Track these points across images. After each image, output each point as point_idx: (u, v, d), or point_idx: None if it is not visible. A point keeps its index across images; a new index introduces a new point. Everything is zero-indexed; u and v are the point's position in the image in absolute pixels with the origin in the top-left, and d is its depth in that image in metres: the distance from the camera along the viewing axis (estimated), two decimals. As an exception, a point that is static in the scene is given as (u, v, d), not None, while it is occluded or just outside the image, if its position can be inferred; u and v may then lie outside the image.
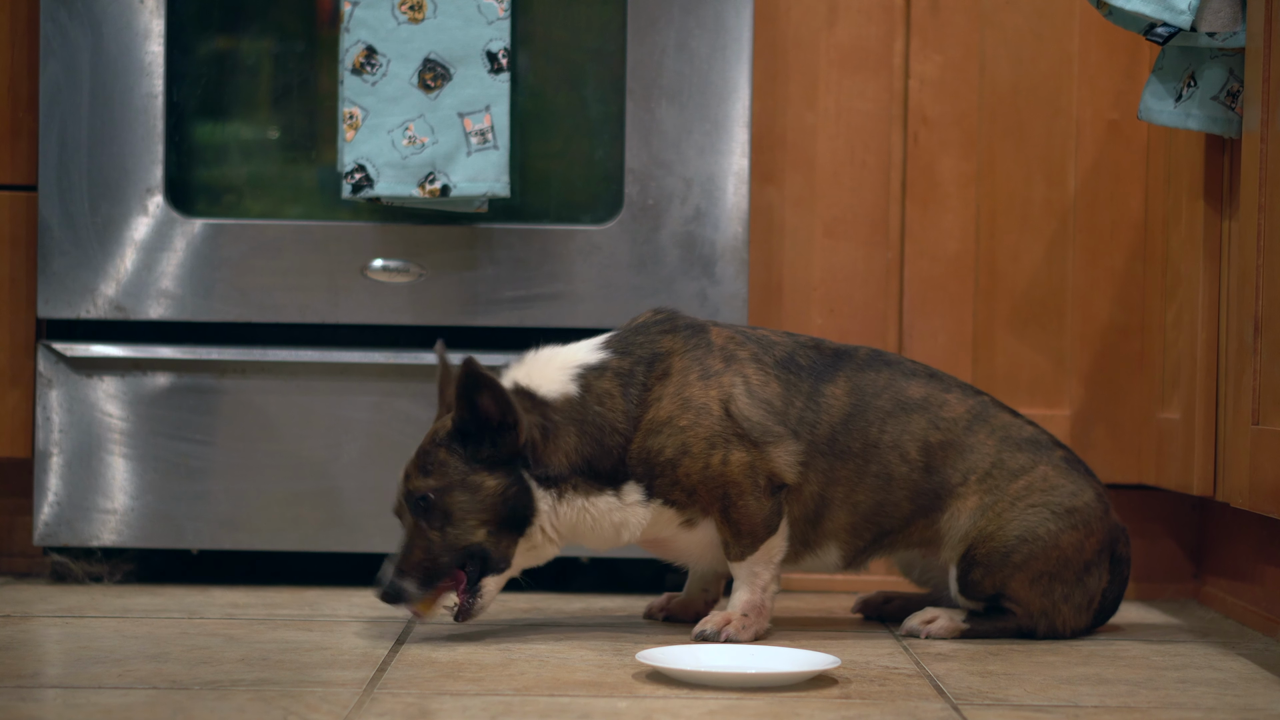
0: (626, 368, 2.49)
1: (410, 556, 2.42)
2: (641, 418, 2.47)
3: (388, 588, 2.41)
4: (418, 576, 2.41)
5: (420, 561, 2.41)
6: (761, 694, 2.14)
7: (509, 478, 2.42)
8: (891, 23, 3.09)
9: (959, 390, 2.62)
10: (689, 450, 2.47)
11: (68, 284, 2.93)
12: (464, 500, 2.41)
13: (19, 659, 2.33)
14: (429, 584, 2.42)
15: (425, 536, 2.41)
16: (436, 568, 2.42)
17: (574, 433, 2.45)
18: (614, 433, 2.46)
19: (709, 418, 2.47)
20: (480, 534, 2.42)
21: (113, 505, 2.94)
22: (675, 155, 2.93)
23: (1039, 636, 2.58)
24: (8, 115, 2.99)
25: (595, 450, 2.46)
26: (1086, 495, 2.59)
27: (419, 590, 2.42)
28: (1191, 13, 2.56)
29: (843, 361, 2.59)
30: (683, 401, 2.48)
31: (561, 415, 2.46)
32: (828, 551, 2.59)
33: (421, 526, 2.42)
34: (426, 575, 2.41)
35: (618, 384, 2.48)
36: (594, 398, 2.47)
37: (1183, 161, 2.87)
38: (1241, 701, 2.17)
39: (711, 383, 2.49)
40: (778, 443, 2.50)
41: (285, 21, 2.97)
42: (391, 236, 2.93)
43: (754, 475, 2.48)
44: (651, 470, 2.47)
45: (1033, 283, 3.09)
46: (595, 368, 2.50)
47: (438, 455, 2.43)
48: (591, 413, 2.46)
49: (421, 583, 2.41)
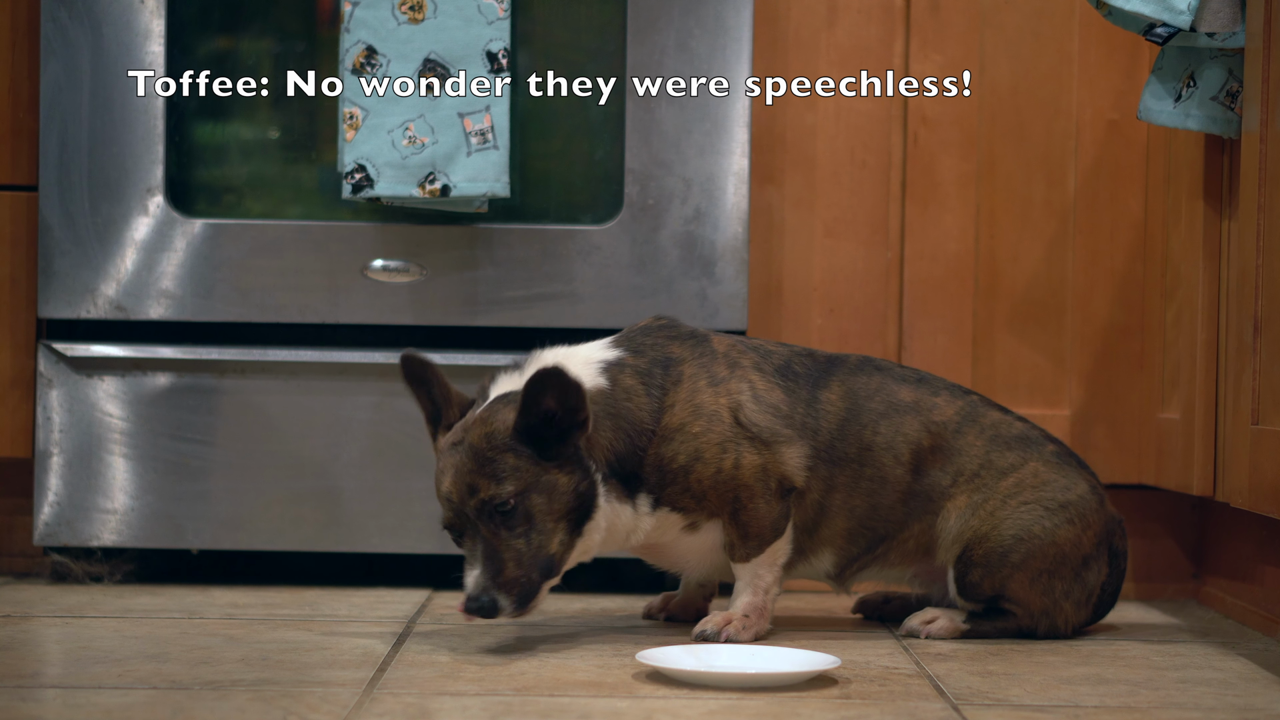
0: (644, 367, 2.48)
1: (505, 571, 2.29)
2: (659, 422, 2.46)
3: (482, 599, 2.28)
4: (516, 593, 2.30)
5: (517, 579, 2.29)
6: (761, 694, 2.14)
7: (578, 471, 2.34)
8: (891, 23, 3.09)
9: (947, 392, 2.62)
10: (702, 456, 2.46)
11: (68, 284, 2.93)
12: (542, 502, 2.31)
13: (19, 659, 2.33)
14: (524, 603, 2.31)
15: (511, 546, 2.30)
16: (530, 584, 2.30)
17: (609, 427, 2.41)
18: (641, 432, 2.42)
19: (720, 424, 2.47)
20: (556, 540, 2.33)
21: (113, 505, 2.94)
22: (675, 155, 2.93)
23: (1040, 635, 2.58)
24: (8, 115, 3.00)
25: (626, 448, 2.41)
26: (1080, 488, 2.58)
27: (513, 608, 2.30)
28: (1191, 13, 2.56)
29: (835, 367, 2.60)
30: (694, 408, 2.47)
31: (598, 407, 2.40)
32: (821, 558, 2.59)
33: (502, 535, 2.30)
34: (524, 594, 2.30)
35: (640, 382, 2.46)
36: (622, 392, 2.43)
37: (1182, 161, 2.87)
38: (1241, 701, 2.17)
39: (720, 389, 2.49)
40: (788, 444, 2.50)
41: (285, 21, 2.97)
42: (391, 236, 2.93)
43: (766, 478, 2.48)
44: (663, 478, 2.45)
45: (1033, 283, 3.09)
46: (615, 364, 2.47)
47: (506, 460, 2.31)
48: (622, 407, 2.42)
49: (518, 601, 2.30)
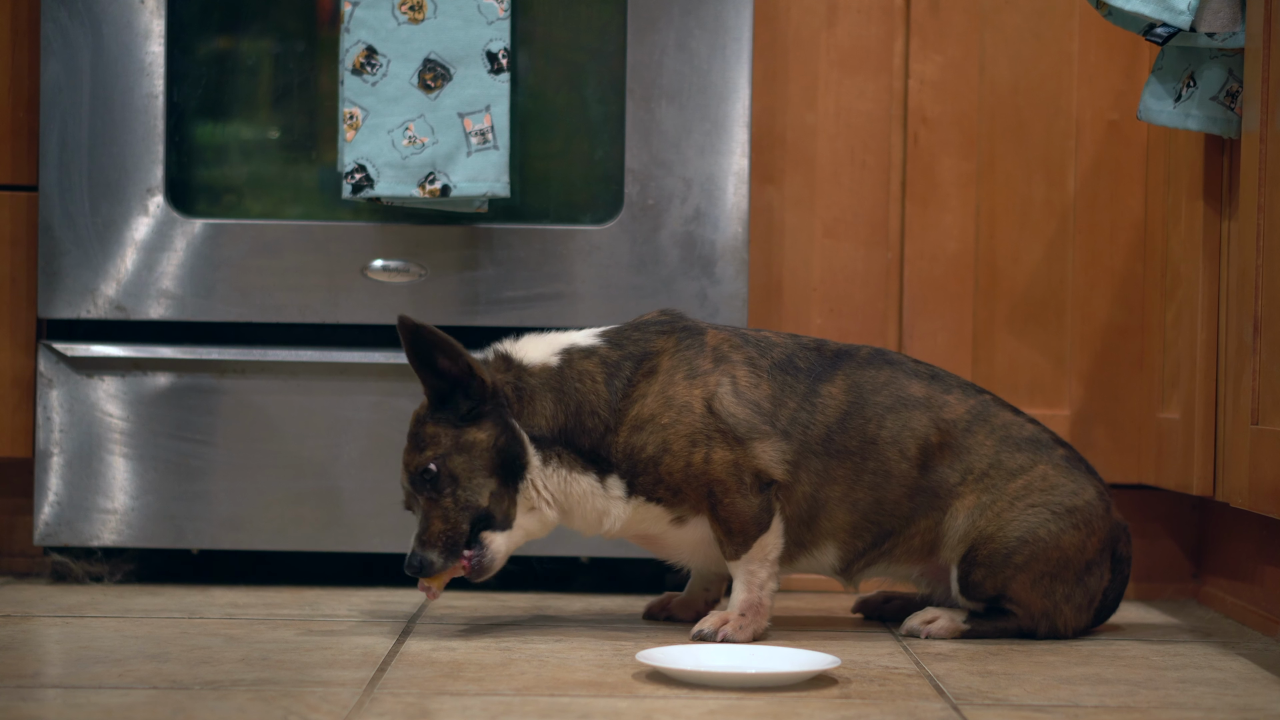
0: (615, 359, 2.53)
1: (431, 528, 2.45)
2: (626, 413, 2.49)
3: (412, 559, 2.45)
4: (441, 545, 2.45)
5: (442, 531, 2.45)
6: (761, 694, 2.14)
7: (496, 426, 2.47)
8: (891, 23, 3.09)
9: (960, 390, 2.62)
10: (669, 448, 2.48)
11: (68, 284, 2.93)
12: (463, 460, 2.46)
13: (19, 659, 2.33)
14: (453, 553, 2.45)
15: (439, 506, 2.46)
16: (457, 534, 2.45)
17: (551, 399, 2.50)
18: (592, 414, 2.50)
19: (690, 415, 2.48)
20: (485, 492, 2.46)
21: (113, 505, 2.94)
22: (675, 155, 2.93)
23: (1040, 637, 2.58)
24: (8, 115, 3.00)
25: (573, 424, 2.50)
26: (1087, 494, 2.58)
27: (444, 560, 2.45)
28: (1191, 13, 2.56)
29: (842, 360, 2.60)
30: (665, 400, 2.49)
31: (537, 380, 2.51)
32: (825, 552, 2.59)
33: (433, 499, 2.46)
34: (449, 543, 2.45)
35: (602, 371, 2.52)
36: (574, 374, 2.52)
37: (1182, 161, 2.87)
38: (1241, 701, 2.17)
39: (696, 382, 2.51)
40: (762, 439, 2.50)
41: (285, 21, 2.97)
42: (391, 236, 2.93)
43: (739, 473, 2.48)
44: (634, 467, 2.49)
45: (1033, 283, 3.09)
46: (583, 349, 2.54)
47: (425, 430, 2.48)
48: (570, 386, 2.51)
49: (445, 552, 2.45)
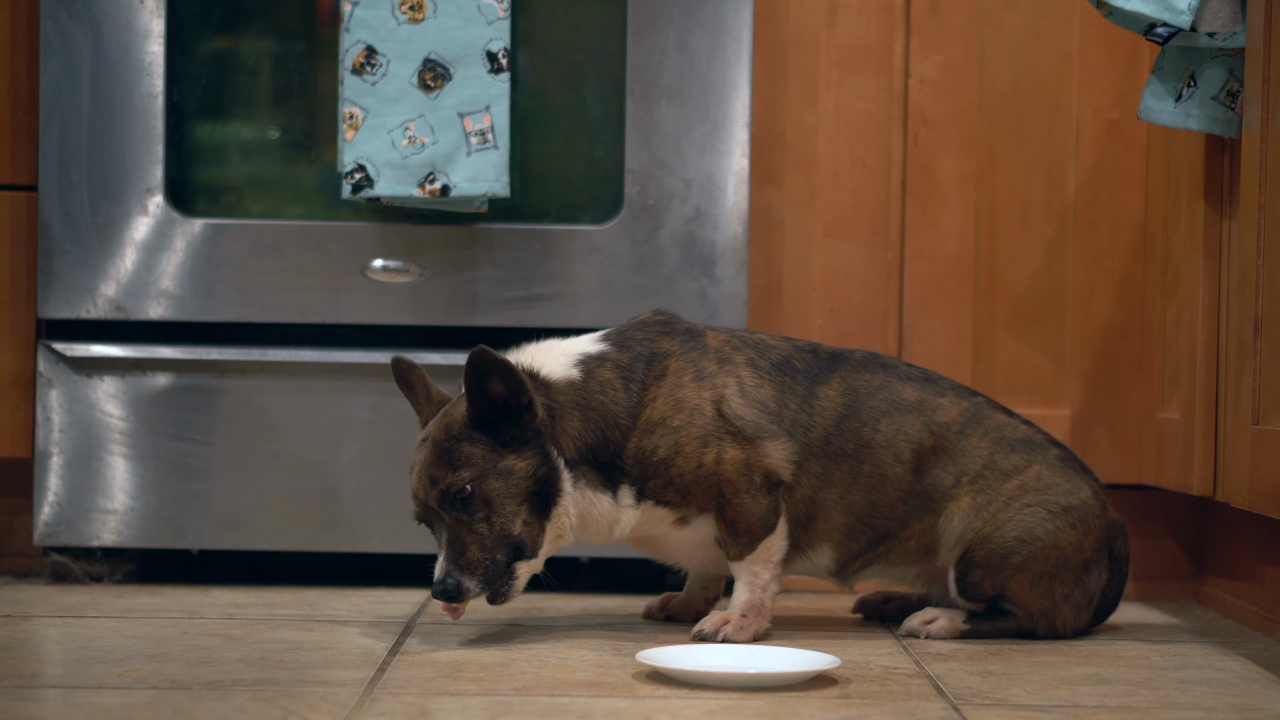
0: (626, 362, 2.50)
1: (468, 554, 2.36)
2: (637, 417, 2.48)
3: (447, 583, 2.34)
4: (481, 574, 2.36)
5: (480, 560, 2.36)
6: (761, 694, 2.14)
7: (537, 456, 2.40)
8: (891, 23, 3.09)
9: (953, 393, 2.62)
10: (682, 450, 2.47)
11: (68, 284, 2.93)
12: (499, 486, 2.37)
13: (19, 659, 2.33)
14: (490, 584, 2.37)
15: (473, 531, 2.36)
16: (495, 565, 2.36)
17: (578, 417, 2.45)
18: (615, 426, 2.46)
19: (701, 418, 2.48)
20: (518, 521, 2.38)
21: (113, 505, 2.94)
22: (675, 155, 2.93)
23: (1039, 637, 2.58)
24: (8, 115, 2.99)
25: (598, 439, 2.45)
26: (1083, 493, 2.58)
27: (479, 589, 2.36)
28: (1191, 13, 2.56)
29: (838, 364, 2.60)
30: (676, 402, 2.48)
31: (565, 397, 2.45)
32: (820, 554, 2.59)
33: (462, 520, 2.36)
34: (489, 575, 2.36)
35: (619, 376, 2.49)
36: (596, 385, 2.47)
37: (1183, 161, 2.87)
38: (1241, 701, 2.17)
39: (705, 384, 2.50)
40: (772, 439, 2.50)
41: (285, 21, 2.97)
42: (391, 236, 2.93)
43: (749, 473, 2.48)
44: (645, 471, 2.47)
45: (1033, 283, 3.09)
46: (596, 357, 2.50)
47: (462, 448, 2.37)
48: (595, 399, 2.46)
49: (484, 582, 2.36)
